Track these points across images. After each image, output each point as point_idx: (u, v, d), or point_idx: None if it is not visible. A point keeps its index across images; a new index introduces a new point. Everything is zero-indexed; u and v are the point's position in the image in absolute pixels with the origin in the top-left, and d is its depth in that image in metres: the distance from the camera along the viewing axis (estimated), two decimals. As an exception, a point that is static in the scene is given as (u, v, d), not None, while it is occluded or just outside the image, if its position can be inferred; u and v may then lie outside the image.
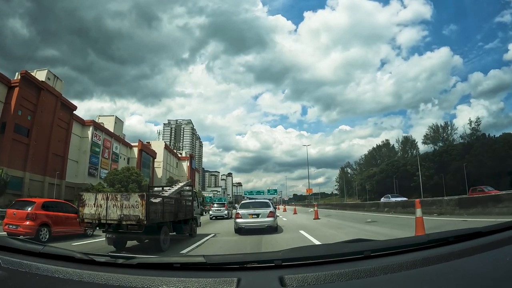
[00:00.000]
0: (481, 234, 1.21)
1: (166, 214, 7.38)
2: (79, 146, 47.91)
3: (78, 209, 6.69)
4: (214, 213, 22.52)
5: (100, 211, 6.29)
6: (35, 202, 9.59)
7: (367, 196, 75.06)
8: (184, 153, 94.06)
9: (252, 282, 0.95)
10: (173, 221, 8.01)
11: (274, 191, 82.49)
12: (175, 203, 8.37)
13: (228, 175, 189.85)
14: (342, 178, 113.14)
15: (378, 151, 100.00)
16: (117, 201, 6.28)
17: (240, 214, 10.37)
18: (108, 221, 6.25)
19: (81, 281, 0.96)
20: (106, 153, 51.69)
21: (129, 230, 6.23)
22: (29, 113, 39.24)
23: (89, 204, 6.41)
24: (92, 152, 48.22)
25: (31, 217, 8.94)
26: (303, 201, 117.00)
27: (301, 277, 0.92)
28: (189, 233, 9.50)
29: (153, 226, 6.61)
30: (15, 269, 1.02)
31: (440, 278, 0.91)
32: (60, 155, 44.41)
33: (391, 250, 1.15)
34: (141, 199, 6.18)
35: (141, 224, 6.10)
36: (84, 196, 6.57)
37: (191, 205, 9.90)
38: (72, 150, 46.57)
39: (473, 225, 1.67)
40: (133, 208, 6.17)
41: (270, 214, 10.22)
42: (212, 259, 1.09)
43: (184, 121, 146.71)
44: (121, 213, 6.18)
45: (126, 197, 6.34)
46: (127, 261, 1.11)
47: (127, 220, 6.14)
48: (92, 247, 8.02)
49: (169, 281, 0.93)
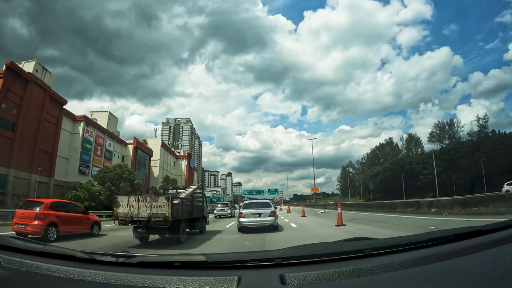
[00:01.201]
0: (482, 232, 1.21)
1: (184, 212, 8.75)
2: (70, 143, 45.40)
3: (113, 209, 8.09)
4: (218, 212, 24.79)
5: (133, 211, 7.62)
6: (44, 203, 9.86)
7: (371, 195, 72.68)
8: (182, 152, 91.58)
9: (252, 280, 0.95)
10: (189, 219, 9.35)
11: (275, 191, 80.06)
12: (190, 203, 9.78)
13: (227, 174, 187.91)
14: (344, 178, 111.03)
15: (381, 150, 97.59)
16: (146, 202, 7.66)
17: (243, 213, 10.84)
18: (139, 219, 7.56)
19: (82, 280, 0.97)
20: (99, 150, 49.19)
21: (157, 226, 7.57)
22: (14, 106, 36.72)
23: (123, 204, 7.73)
24: (83, 149, 45.69)
25: (39, 217, 9.25)
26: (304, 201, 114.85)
27: (301, 275, 0.93)
28: (200, 230, 10.74)
29: (174, 222, 7.78)
30: (16, 268, 1.03)
31: (441, 276, 0.91)
32: (49, 152, 41.91)
33: (391, 248, 1.15)
34: (167, 200, 7.60)
35: (167, 220, 7.46)
36: (118, 199, 8.00)
37: (201, 205, 11.25)
38: (62, 146, 44.05)
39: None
40: (161, 207, 7.52)
41: (271, 213, 10.74)
42: (213, 258, 1.10)
43: (183, 120, 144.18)
44: (150, 211, 7.54)
45: (154, 199, 7.83)
46: (128, 260, 1.12)
47: (156, 217, 7.51)
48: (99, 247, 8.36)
49: (170, 280, 0.94)
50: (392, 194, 62.75)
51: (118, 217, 7.79)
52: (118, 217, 7.81)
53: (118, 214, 7.76)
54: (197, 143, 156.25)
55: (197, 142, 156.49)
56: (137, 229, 7.97)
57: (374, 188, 75.36)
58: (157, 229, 7.84)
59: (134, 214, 7.58)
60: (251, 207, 11.51)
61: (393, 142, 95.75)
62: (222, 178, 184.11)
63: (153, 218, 7.52)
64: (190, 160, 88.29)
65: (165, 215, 7.48)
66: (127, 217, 7.67)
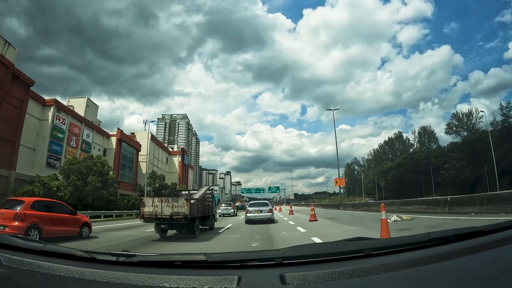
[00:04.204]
0: (482, 233, 1.21)
1: (198, 211, 10.28)
2: (38, 131, 38.61)
3: (139, 209, 9.83)
4: (222, 211, 25.74)
5: (157, 210, 9.14)
6: (24, 202, 9.46)
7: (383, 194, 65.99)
8: (176, 148, 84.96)
9: (253, 280, 0.95)
10: (201, 216, 10.91)
11: (277, 189, 73.32)
12: (202, 203, 11.34)
13: (226, 173, 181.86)
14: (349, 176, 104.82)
15: (390, 145, 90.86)
16: (169, 202, 9.20)
17: (250, 210, 15.74)
18: (163, 216, 9.10)
19: (82, 279, 0.97)
20: (74, 140, 42.50)
21: (178, 222, 9.14)
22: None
23: (148, 205, 9.29)
24: (53, 138, 38.96)
25: (19, 217, 8.81)
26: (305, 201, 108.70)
27: (301, 275, 0.92)
28: (209, 226, 12.35)
29: (191, 219, 9.24)
30: (17, 267, 1.03)
31: (441, 276, 0.91)
32: (10, 140, 35.11)
33: (391, 248, 1.14)
34: (186, 201, 9.17)
35: (187, 217, 9.02)
36: (144, 200, 9.81)
37: (211, 204, 13.02)
38: (28, 134, 37.18)
39: None
40: (181, 207, 9.06)
41: (269, 210, 15.65)
42: (213, 257, 1.10)
43: (179, 115, 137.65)
44: (172, 210, 9.07)
45: (175, 199, 9.37)
46: (128, 259, 1.12)
47: (177, 215, 9.03)
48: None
49: (170, 279, 0.94)
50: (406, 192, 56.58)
51: (144, 215, 9.32)
52: (144, 216, 9.35)
53: (144, 213, 9.31)
54: (195, 140, 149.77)
55: (195, 139, 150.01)
56: (160, 225, 9.48)
57: (386, 185, 68.69)
58: (177, 225, 9.39)
59: (158, 212, 9.08)
60: (255, 206, 16.26)
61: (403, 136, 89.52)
62: (221, 177, 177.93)
63: (174, 216, 8.99)
64: (184, 156, 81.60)
65: (184, 213, 8.97)
66: (152, 215, 9.15)
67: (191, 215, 9.01)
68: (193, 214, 9.32)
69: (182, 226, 9.37)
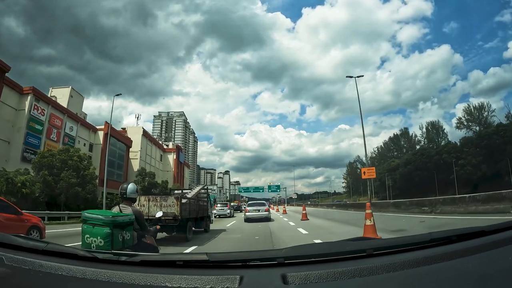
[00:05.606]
0: (484, 233, 1.20)
1: (191, 212, 9.57)
2: (13, 122, 34.63)
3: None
4: (218, 212, 24.59)
5: (143, 210, 8.15)
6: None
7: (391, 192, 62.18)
8: (171, 145, 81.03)
9: (254, 279, 0.95)
10: (195, 218, 10.14)
11: (277, 188, 69.35)
12: (196, 203, 10.62)
13: (225, 173, 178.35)
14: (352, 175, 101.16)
15: (396, 141, 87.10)
16: (157, 201, 8.53)
17: (248, 209, 17.43)
18: (150, 217, 7.62)
19: (84, 278, 0.98)
20: (54, 133, 38.56)
21: (167, 224, 8.04)
22: None
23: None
24: (29, 130, 35.05)
25: None
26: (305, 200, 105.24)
27: (303, 275, 0.92)
28: (204, 228, 11.42)
29: (182, 220, 8.55)
30: (18, 266, 1.03)
31: (443, 276, 0.91)
32: (-20, 132, 31.47)
33: (393, 248, 1.14)
34: (176, 200, 8.52)
35: (177, 218, 8.29)
36: None
37: (206, 205, 12.10)
38: (2, 125, 33.28)
39: None
40: (170, 206, 8.37)
41: (266, 209, 17.26)
42: (215, 257, 1.10)
43: (176, 113, 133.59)
44: (160, 210, 8.01)
45: (164, 198, 8.74)
46: (130, 258, 1.13)
47: (166, 216, 7.88)
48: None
49: (172, 279, 0.94)
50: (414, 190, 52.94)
51: None
52: None
53: None
54: (192, 138, 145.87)
55: (192, 138, 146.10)
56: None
57: (393, 183, 64.95)
58: (166, 227, 8.26)
59: (145, 213, 7.81)
60: (253, 205, 18.13)
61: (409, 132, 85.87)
62: (220, 176, 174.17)
63: (163, 217, 7.32)
64: (180, 153, 77.71)
65: (174, 214, 8.25)
66: None
67: (182, 216, 8.40)
68: (185, 214, 8.73)
69: (172, 228, 8.57)
